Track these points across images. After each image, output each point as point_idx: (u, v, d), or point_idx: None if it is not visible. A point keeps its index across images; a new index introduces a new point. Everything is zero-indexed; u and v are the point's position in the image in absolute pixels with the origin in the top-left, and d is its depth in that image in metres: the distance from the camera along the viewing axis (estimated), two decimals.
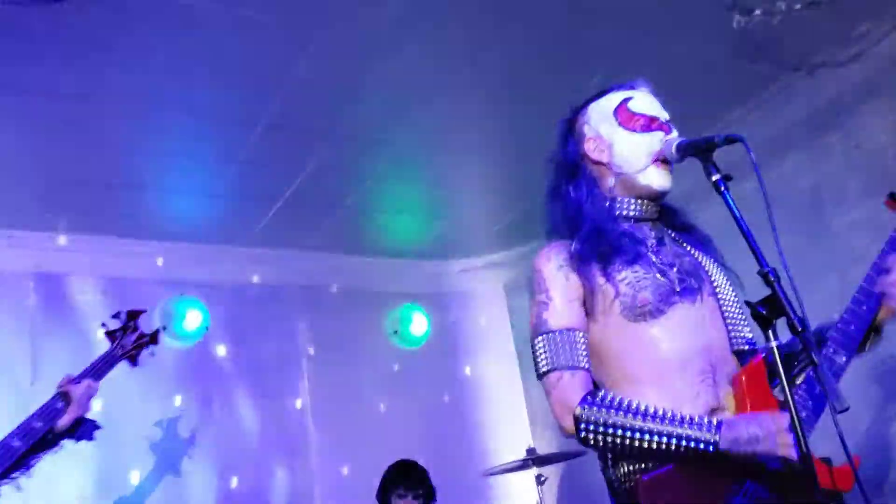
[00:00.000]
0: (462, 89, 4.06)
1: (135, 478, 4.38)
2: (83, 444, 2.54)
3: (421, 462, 4.41)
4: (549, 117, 2.29)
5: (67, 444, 2.44)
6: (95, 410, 4.39)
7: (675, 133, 2.04)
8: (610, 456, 1.88)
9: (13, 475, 2.26)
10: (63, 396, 2.31)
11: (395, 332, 5.76)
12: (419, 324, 5.79)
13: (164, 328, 4.86)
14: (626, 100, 2.08)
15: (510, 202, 5.28)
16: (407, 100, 4.07)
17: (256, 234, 5.16)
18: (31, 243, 4.65)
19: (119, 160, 4.21)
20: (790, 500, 1.70)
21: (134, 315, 2.62)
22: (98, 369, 2.45)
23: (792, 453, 1.63)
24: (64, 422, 2.31)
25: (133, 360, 2.61)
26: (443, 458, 4.74)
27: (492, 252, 6.03)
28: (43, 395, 4.30)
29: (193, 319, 4.93)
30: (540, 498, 3.98)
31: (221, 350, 5.09)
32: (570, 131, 2.15)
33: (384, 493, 4.28)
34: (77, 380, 2.36)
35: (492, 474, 4.56)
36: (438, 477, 4.39)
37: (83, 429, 2.41)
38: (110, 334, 2.56)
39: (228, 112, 3.97)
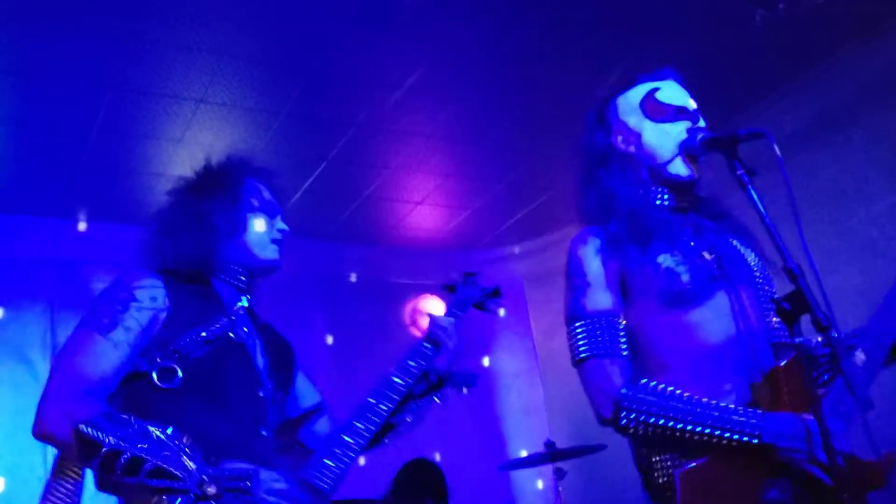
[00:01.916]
0: (482, 81, 4.04)
1: None
2: None
3: (437, 455, 4.41)
4: (570, 110, 2.28)
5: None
6: None
7: (702, 122, 2.01)
8: (644, 446, 1.86)
9: (395, 432, 2.20)
10: (429, 340, 2.14)
11: (413, 322, 5.75)
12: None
13: None
14: (653, 90, 2.05)
15: (530, 194, 5.26)
16: (426, 92, 4.06)
17: None
18: (52, 231, 4.68)
19: (140, 149, 4.24)
20: (823, 497, 1.68)
21: (469, 274, 2.44)
22: (455, 313, 2.26)
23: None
24: (441, 364, 2.16)
25: (483, 308, 2.43)
26: (460, 451, 4.74)
27: (510, 244, 6.01)
28: None
29: None
30: (558, 492, 3.96)
31: None
32: (598, 123, 2.12)
33: (395, 493, 4.28)
34: (442, 320, 2.17)
35: (509, 468, 4.55)
36: (455, 470, 4.40)
37: (460, 377, 2.26)
38: (451, 288, 2.38)
39: (250, 101, 3.98)
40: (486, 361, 5.98)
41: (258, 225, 2.07)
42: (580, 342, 1.88)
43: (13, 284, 4.51)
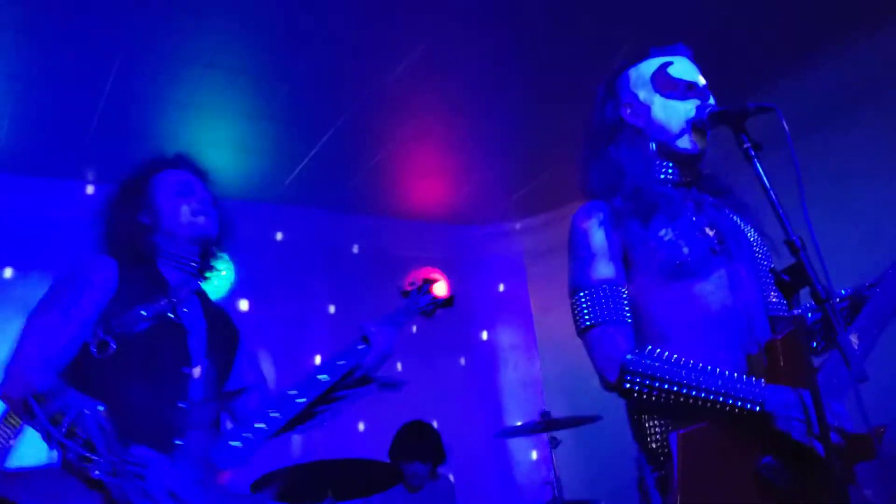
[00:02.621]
0: (489, 54, 4.05)
1: None
2: None
3: (435, 423, 4.48)
4: (576, 85, 2.29)
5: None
6: None
7: (711, 100, 2.04)
8: (639, 413, 1.91)
9: (316, 420, 2.33)
10: (363, 338, 2.32)
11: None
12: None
13: None
14: (665, 65, 2.07)
15: (532, 170, 5.29)
16: (433, 64, 4.08)
17: (281, 192, 5.20)
18: (59, 191, 4.71)
19: (148, 111, 4.25)
20: (815, 469, 1.72)
21: (427, 281, 2.67)
22: (397, 319, 2.47)
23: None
24: (369, 362, 2.33)
25: (429, 315, 2.66)
26: (457, 420, 4.80)
27: (512, 219, 6.05)
28: None
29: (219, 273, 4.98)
30: (553, 460, 4.03)
31: (244, 304, 5.17)
32: (609, 95, 2.14)
33: (394, 454, 4.35)
34: (377, 325, 2.35)
35: (504, 436, 4.62)
36: (452, 438, 4.46)
37: (388, 379, 2.45)
38: (405, 294, 2.62)
39: (258, 67, 4.00)
40: (484, 335, 6.04)
41: (174, 207, 2.28)
42: (584, 310, 1.92)
43: (22, 244, 4.54)
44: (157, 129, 4.41)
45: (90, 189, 4.81)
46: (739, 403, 1.74)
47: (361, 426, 5.23)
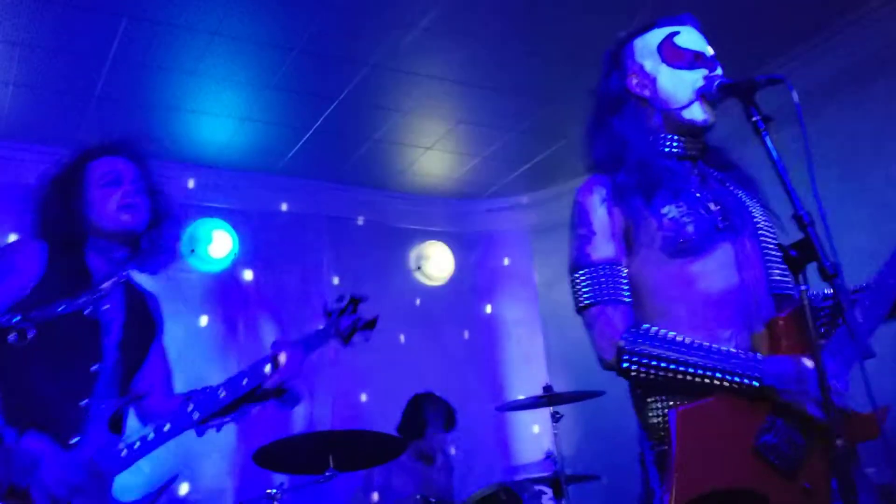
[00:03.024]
0: (498, 25, 4.01)
1: None
2: None
3: (437, 394, 4.53)
4: (584, 58, 2.26)
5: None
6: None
7: (719, 70, 2.01)
8: (640, 388, 1.90)
9: (223, 420, 2.35)
10: (273, 360, 2.33)
11: (419, 267, 5.80)
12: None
13: (192, 251, 4.93)
14: (672, 35, 2.03)
15: (539, 144, 5.25)
16: (441, 34, 4.03)
17: (286, 162, 5.18)
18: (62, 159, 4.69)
19: (152, 79, 4.22)
20: (816, 441, 1.72)
21: (356, 301, 2.60)
22: (310, 342, 2.46)
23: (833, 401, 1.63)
24: (270, 384, 2.34)
25: (345, 340, 2.60)
26: (459, 393, 4.82)
27: (518, 193, 6.02)
28: None
29: (221, 243, 4.98)
30: (555, 434, 4.04)
31: (248, 275, 5.17)
32: (614, 65, 2.10)
33: (405, 425, 4.39)
34: (289, 347, 2.37)
35: (506, 409, 4.64)
36: (456, 411, 4.49)
37: (287, 396, 2.44)
38: (328, 314, 2.55)
39: (264, 35, 3.96)
40: (488, 308, 6.04)
41: (101, 199, 2.28)
42: (584, 289, 1.91)
43: (25, 211, 4.53)
44: (160, 97, 4.38)
45: None
46: (737, 379, 1.73)
47: (364, 397, 5.25)
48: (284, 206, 5.44)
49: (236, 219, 5.15)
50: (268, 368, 2.31)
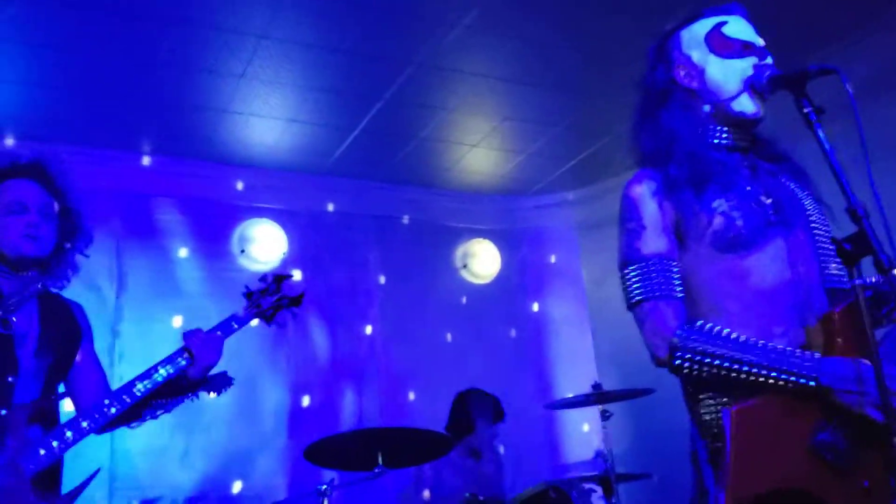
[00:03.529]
0: (542, 21, 3.99)
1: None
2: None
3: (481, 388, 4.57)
4: (629, 52, 2.24)
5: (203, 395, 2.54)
6: (175, 327, 4.64)
7: (769, 59, 1.97)
8: (692, 385, 1.88)
9: (147, 414, 2.44)
10: (186, 350, 2.38)
11: (464, 266, 5.81)
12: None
13: (242, 251, 5.01)
14: (720, 24, 2.00)
15: (584, 140, 5.21)
16: (484, 31, 4.03)
17: (332, 163, 5.22)
18: (117, 163, 4.80)
19: (202, 84, 4.30)
20: (872, 441, 1.69)
21: (279, 279, 2.62)
22: (226, 325, 2.49)
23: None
24: (193, 374, 2.40)
25: (268, 319, 2.62)
26: (507, 391, 4.81)
27: (565, 190, 5.98)
28: (128, 309, 4.58)
29: (270, 243, 5.05)
30: (604, 432, 4.01)
31: (297, 275, 5.23)
32: (660, 57, 2.07)
33: (453, 421, 4.41)
34: (202, 335, 2.40)
35: (555, 407, 4.62)
36: (504, 411, 4.50)
37: (215, 382, 2.49)
38: (248, 295, 2.58)
39: (310, 38, 4.00)
40: (535, 306, 6.02)
41: (5, 226, 2.35)
42: (635, 285, 1.88)
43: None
44: (209, 100, 4.46)
45: (146, 160, 4.89)
46: (793, 378, 1.69)
47: (412, 395, 5.28)
48: (331, 206, 5.49)
49: (284, 219, 5.22)
50: (182, 361, 2.36)
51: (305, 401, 4.99)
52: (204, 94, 4.41)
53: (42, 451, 2.19)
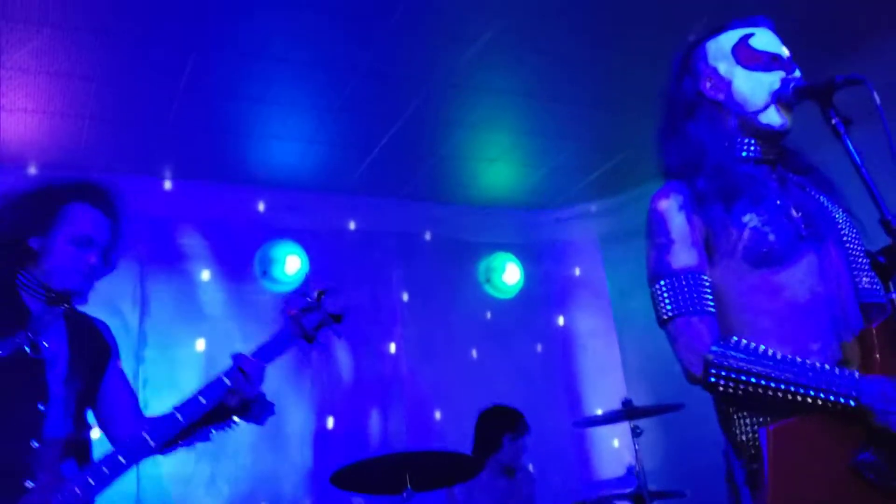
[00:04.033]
0: (561, 35, 3.96)
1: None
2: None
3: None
4: (649, 65, 2.21)
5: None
6: (198, 350, 4.64)
7: (797, 72, 1.94)
8: (726, 403, 1.83)
9: (182, 444, 2.30)
10: (229, 378, 2.20)
11: (488, 280, 5.78)
12: (512, 273, 5.79)
13: (265, 273, 5.01)
14: (747, 37, 1.97)
15: (606, 151, 5.18)
16: (504, 47, 4.01)
17: (353, 182, 5.22)
18: (138, 188, 4.82)
19: (222, 107, 4.32)
20: None
21: (321, 294, 2.41)
22: (270, 349, 2.29)
23: None
24: (232, 402, 2.23)
25: (310, 340, 2.39)
26: (535, 407, 4.76)
27: (587, 202, 5.94)
28: (151, 334, 4.58)
29: (293, 264, 5.05)
30: (636, 449, 3.95)
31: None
32: (685, 68, 2.04)
33: (479, 438, 4.36)
34: (245, 360, 2.22)
35: (584, 425, 4.56)
36: (532, 426, 4.44)
37: (255, 410, 2.31)
38: (292, 316, 2.35)
39: (328, 60, 4.01)
40: (560, 320, 5.97)
41: (65, 253, 2.21)
42: (666, 301, 1.83)
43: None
44: (231, 123, 4.47)
45: (167, 185, 4.91)
46: (832, 398, 1.64)
47: (438, 415, 5.24)
48: (353, 225, 5.49)
49: (306, 239, 5.22)
50: (227, 381, 2.20)
51: (330, 423, 4.96)
52: (225, 118, 4.42)
53: (77, 490, 2.04)
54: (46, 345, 2.15)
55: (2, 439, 1.99)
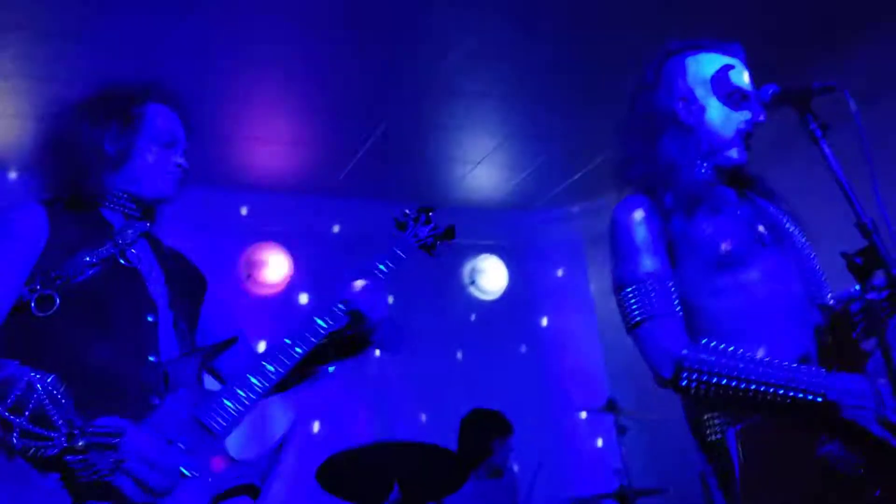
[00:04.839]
0: (542, 40, 4.00)
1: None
2: None
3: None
4: (629, 67, 2.23)
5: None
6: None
7: (762, 116, 1.98)
8: (695, 404, 1.86)
9: (304, 379, 2.07)
10: (344, 301, 1.98)
11: (472, 282, 5.80)
12: (496, 275, 5.81)
13: (248, 276, 5.00)
14: (727, 68, 2.01)
15: (588, 153, 5.20)
16: (485, 51, 4.04)
17: (337, 185, 5.23)
18: None
19: (204, 109, 4.29)
20: (880, 458, 1.67)
21: (427, 209, 2.29)
22: (392, 257, 2.15)
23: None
24: (355, 328, 2.02)
25: (431, 250, 2.28)
26: (520, 407, 4.78)
27: (570, 204, 5.98)
28: None
29: (277, 267, 5.05)
30: (620, 449, 3.98)
31: (304, 298, 5.22)
32: (661, 78, 2.07)
33: (463, 440, 4.37)
34: (365, 276, 2.03)
35: (571, 425, 4.58)
36: (516, 426, 4.46)
37: (381, 334, 2.10)
38: (401, 226, 2.25)
39: (312, 62, 4.01)
40: (544, 321, 6.00)
41: (151, 155, 1.96)
42: (633, 306, 1.86)
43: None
44: (213, 126, 4.46)
45: None
46: (801, 395, 1.69)
47: (423, 417, 5.25)
48: (337, 228, 5.49)
49: (290, 242, 5.22)
50: (343, 305, 1.97)
51: (316, 427, 4.97)
52: (206, 120, 4.40)
53: (229, 404, 1.76)
54: (139, 256, 1.91)
55: (115, 356, 1.75)
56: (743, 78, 2.02)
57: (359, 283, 2.03)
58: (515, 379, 5.53)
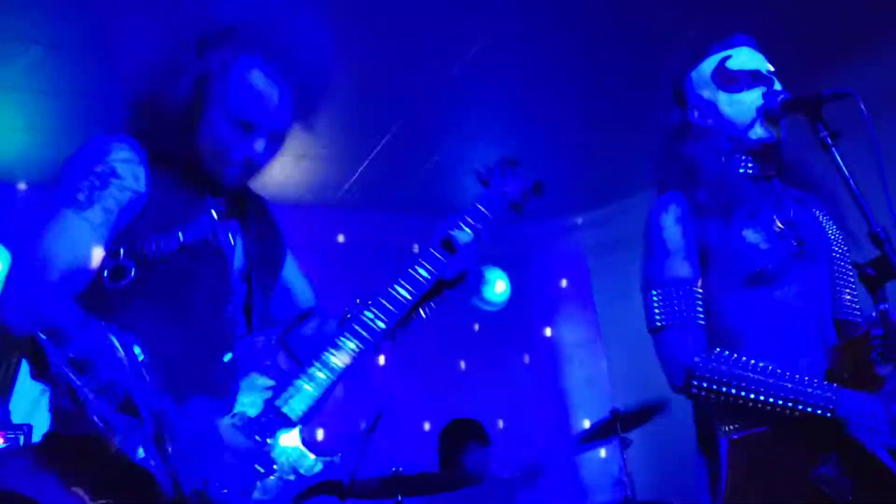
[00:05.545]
0: (546, 50, 4.01)
1: None
2: None
3: (501, 423, 4.51)
4: (635, 78, 2.25)
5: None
6: None
7: (777, 85, 1.98)
8: (708, 411, 1.88)
9: (405, 326, 1.89)
10: (444, 245, 1.86)
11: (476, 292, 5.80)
12: (499, 285, 5.80)
13: None
14: (724, 59, 2.02)
15: (592, 164, 5.22)
16: (490, 62, 4.05)
17: (342, 196, 5.24)
18: None
19: None
20: (873, 479, 1.68)
21: (512, 163, 2.00)
22: (479, 215, 1.94)
23: None
24: (449, 273, 1.87)
25: (520, 209, 2.03)
26: (523, 418, 4.78)
27: (573, 214, 5.98)
28: None
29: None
30: (624, 460, 3.97)
31: None
32: (676, 100, 2.10)
33: (442, 450, 4.36)
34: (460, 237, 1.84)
35: (580, 445, 4.56)
36: (519, 437, 4.46)
37: (466, 281, 1.94)
38: (484, 182, 2.00)
39: None
40: (547, 331, 5.99)
41: (219, 134, 1.65)
42: (656, 310, 1.89)
43: None
44: None
45: None
46: (809, 409, 1.70)
47: (427, 426, 5.24)
48: (341, 238, 5.50)
49: (295, 253, 5.21)
50: (441, 255, 1.84)
51: (320, 434, 4.95)
52: None
53: (307, 385, 1.60)
54: (224, 226, 1.70)
55: (192, 346, 1.57)
56: (746, 60, 2.02)
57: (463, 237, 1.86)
58: (518, 389, 5.53)
